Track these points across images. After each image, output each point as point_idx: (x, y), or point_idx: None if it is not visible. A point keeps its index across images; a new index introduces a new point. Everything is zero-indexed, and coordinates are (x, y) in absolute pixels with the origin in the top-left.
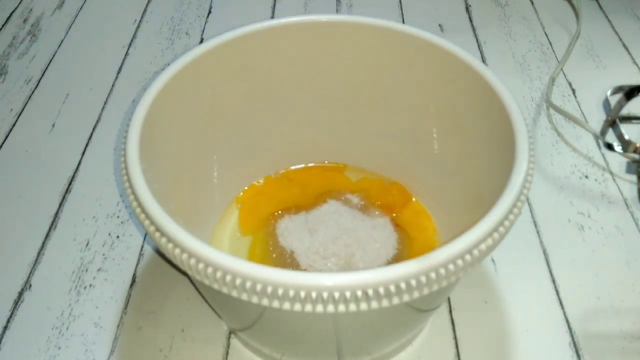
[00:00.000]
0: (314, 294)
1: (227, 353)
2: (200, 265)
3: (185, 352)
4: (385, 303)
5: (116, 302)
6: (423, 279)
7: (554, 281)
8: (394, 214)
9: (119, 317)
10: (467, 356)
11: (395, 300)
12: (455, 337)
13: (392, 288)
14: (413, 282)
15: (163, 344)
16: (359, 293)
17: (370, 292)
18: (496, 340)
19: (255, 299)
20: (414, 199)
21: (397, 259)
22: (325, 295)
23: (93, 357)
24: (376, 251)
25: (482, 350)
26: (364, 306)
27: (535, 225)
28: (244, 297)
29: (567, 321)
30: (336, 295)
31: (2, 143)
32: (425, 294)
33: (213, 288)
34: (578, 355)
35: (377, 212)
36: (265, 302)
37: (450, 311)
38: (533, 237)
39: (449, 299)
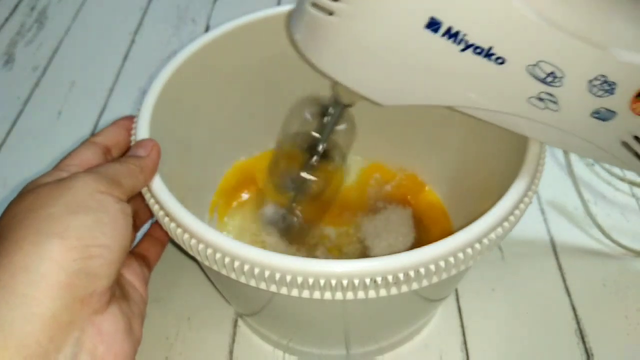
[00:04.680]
0: (322, 281)
1: (233, 341)
2: (209, 251)
3: (191, 340)
4: (394, 291)
5: None
6: (432, 267)
7: (560, 268)
8: (409, 203)
9: None
10: (473, 344)
11: (404, 289)
12: (462, 325)
13: (401, 276)
14: (422, 270)
15: (169, 332)
16: (368, 281)
17: (379, 279)
18: (503, 327)
19: (263, 285)
20: (427, 188)
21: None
22: (333, 282)
23: None
24: (394, 240)
25: (488, 338)
26: (372, 294)
27: (543, 213)
28: (252, 283)
29: (574, 308)
30: (345, 282)
31: (10, 130)
32: (434, 282)
33: (221, 274)
34: (584, 342)
35: (392, 201)
36: (273, 288)
37: (458, 299)
38: (540, 225)
39: (456, 288)
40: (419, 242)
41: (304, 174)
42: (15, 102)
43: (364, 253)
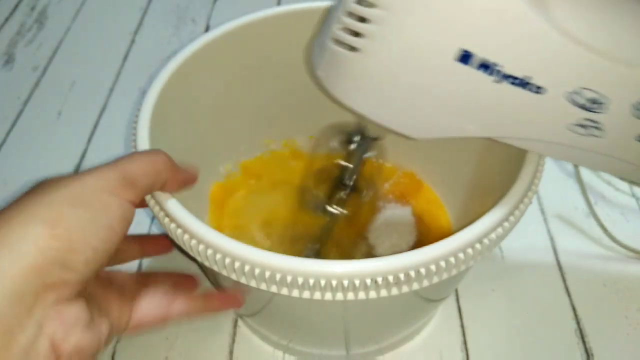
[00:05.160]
0: (322, 282)
1: (233, 341)
2: (209, 252)
3: (191, 340)
4: (394, 291)
5: None
6: (433, 267)
7: (560, 268)
8: (408, 202)
9: None
10: (473, 344)
11: (405, 289)
12: (462, 325)
13: (402, 276)
14: (422, 271)
15: (169, 332)
16: (369, 281)
17: (380, 280)
18: (503, 327)
19: (263, 286)
20: (425, 186)
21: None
22: (334, 283)
23: None
24: (397, 239)
25: (488, 338)
26: (373, 294)
27: (543, 213)
28: (253, 283)
29: (574, 308)
30: (345, 283)
31: (10, 130)
32: (435, 283)
33: (222, 274)
34: (584, 342)
35: (391, 200)
36: (273, 289)
37: (458, 299)
38: (540, 226)
39: (456, 288)
40: (420, 240)
41: (331, 208)
42: (15, 102)
43: (369, 253)
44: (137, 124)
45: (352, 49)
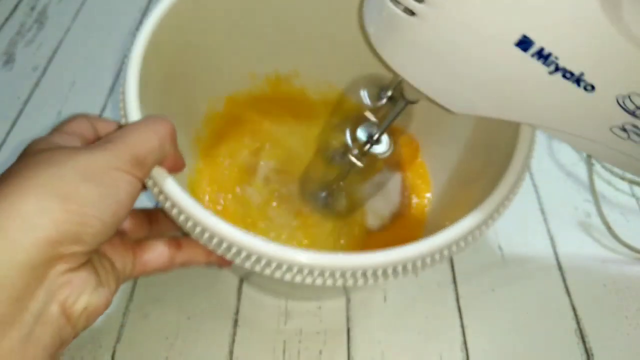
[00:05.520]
0: (284, 266)
1: (233, 341)
2: (190, 223)
3: (191, 340)
4: (360, 283)
5: (122, 290)
6: (399, 268)
7: (560, 268)
8: (401, 170)
9: (125, 304)
10: (473, 344)
11: (370, 282)
12: (462, 325)
13: (371, 273)
14: (379, 272)
15: (169, 332)
16: (327, 273)
17: (337, 274)
18: (503, 327)
19: (239, 262)
20: (419, 160)
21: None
22: (305, 271)
23: (100, 344)
24: (381, 206)
25: (488, 338)
26: (340, 283)
27: (543, 213)
28: (237, 261)
29: (574, 308)
30: (316, 272)
31: (10, 130)
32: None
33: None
34: (584, 342)
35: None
36: (247, 265)
37: (458, 299)
38: (540, 226)
39: (456, 288)
40: (399, 213)
41: (352, 157)
42: (15, 102)
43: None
44: (128, 58)
45: (411, 12)
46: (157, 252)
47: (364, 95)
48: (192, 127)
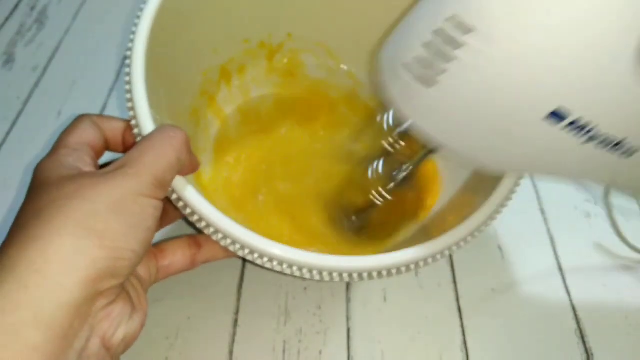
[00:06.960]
0: (305, 269)
1: (233, 341)
2: (220, 235)
3: (191, 340)
4: (346, 278)
5: None
6: (384, 272)
7: (560, 268)
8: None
9: None
10: (473, 344)
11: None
12: (462, 325)
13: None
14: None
15: (169, 332)
16: (305, 271)
17: (325, 274)
18: (503, 327)
19: (269, 267)
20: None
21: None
22: (295, 268)
23: None
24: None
25: (488, 338)
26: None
27: (543, 213)
28: (259, 263)
29: (574, 308)
30: (325, 273)
31: (9, 130)
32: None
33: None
34: (584, 342)
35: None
36: (240, 253)
37: (458, 299)
38: (541, 225)
39: (456, 288)
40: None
41: (387, 194)
42: (15, 102)
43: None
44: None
45: (429, 82)
46: (179, 255)
47: (386, 120)
48: (189, 98)
